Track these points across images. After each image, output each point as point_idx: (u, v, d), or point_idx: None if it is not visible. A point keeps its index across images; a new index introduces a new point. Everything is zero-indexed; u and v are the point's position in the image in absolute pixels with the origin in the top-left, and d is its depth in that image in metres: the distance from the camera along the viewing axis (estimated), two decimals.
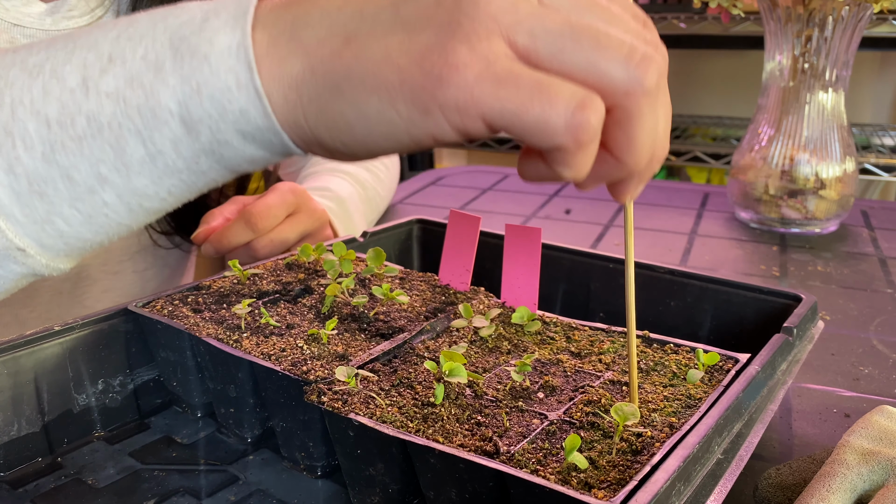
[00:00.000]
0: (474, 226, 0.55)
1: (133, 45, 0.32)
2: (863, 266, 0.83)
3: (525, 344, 0.48)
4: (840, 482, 0.37)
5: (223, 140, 0.32)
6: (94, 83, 0.32)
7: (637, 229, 0.95)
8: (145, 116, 0.32)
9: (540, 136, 0.29)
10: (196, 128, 0.32)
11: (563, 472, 0.33)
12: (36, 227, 0.34)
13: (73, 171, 0.33)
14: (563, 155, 0.29)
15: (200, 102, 0.31)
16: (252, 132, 0.32)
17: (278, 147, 0.33)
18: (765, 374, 0.42)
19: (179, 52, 0.31)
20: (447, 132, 0.30)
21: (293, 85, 0.31)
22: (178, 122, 0.32)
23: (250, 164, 0.34)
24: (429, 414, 0.38)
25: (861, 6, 0.82)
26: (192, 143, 0.32)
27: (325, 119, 0.31)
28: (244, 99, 0.31)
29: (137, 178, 0.33)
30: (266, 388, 0.44)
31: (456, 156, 2.55)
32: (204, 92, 0.31)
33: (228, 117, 0.32)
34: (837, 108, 0.89)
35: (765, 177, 0.92)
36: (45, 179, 0.33)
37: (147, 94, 0.32)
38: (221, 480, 0.44)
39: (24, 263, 0.35)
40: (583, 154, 0.29)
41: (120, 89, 0.32)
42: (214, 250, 0.65)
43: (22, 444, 0.45)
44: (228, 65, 0.31)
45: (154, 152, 0.33)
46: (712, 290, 0.54)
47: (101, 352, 0.48)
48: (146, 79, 0.32)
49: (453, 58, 0.28)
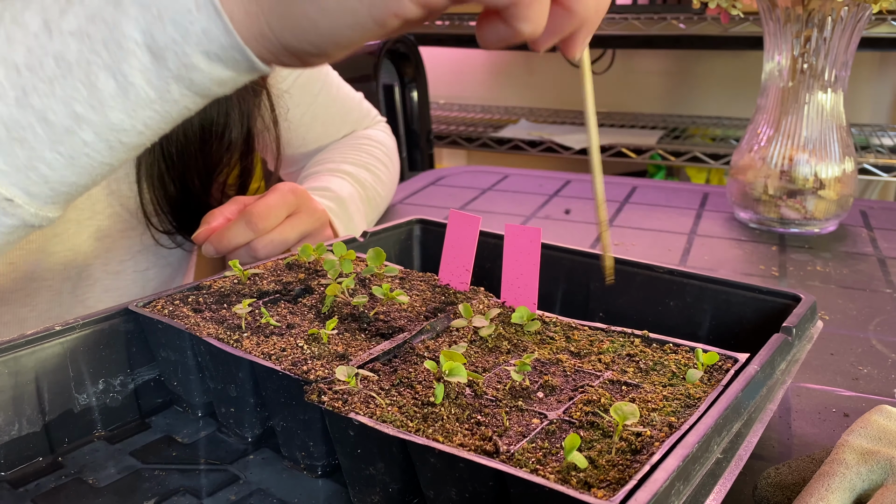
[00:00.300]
0: (474, 226, 0.55)
1: None
2: (862, 266, 0.83)
3: (525, 344, 0.48)
4: (839, 482, 0.37)
5: (190, 64, 0.33)
6: (56, 24, 0.32)
7: (637, 229, 0.95)
8: (111, 49, 0.32)
9: None
10: (162, 54, 0.32)
11: (563, 471, 0.34)
12: (20, 175, 0.34)
13: (48, 112, 0.33)
14: (518, 9, 0.30)
15: (163, 28, 0.32)
16: (217, 51, 0.33)
17: (244, 64, 0.34)
18: (764, 374, 0.42)
19: None
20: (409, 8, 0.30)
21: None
22: (145, 51, 0.32)
23: (219, 85, 0.35)
24: (429, 413, 0.38)
25: (860, 6, 0.82)
26: (161, 71, 0.33)
27: (288, 23, 0.32)
28: (205, 19, 0.32)
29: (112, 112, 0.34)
30: (266, 387, 0.44)
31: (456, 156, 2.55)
32: (165, 17, 0.32)
33: (192, 39, 0.32)
34: (836, 108, 0.90)
35: (764, 177, 0.92)
36: (23, 125, 0.33)
37: (110, 27, 0.32)
38: (222, 480, 0.44)
39: (13, 214, 0.36)
40: (537, 5, 0.31)
41: (82, 27, 0.32)
42: (215, 250, 0.65)
43: (23, 444, 0.45)
44: None
45: (125, 84, 0.33)
46: (712, 289, 0.54)
47: (101, 351, 0.48)
48: (107, 13, 0.32)
49: None
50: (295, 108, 0.87)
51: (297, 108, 0.88)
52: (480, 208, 1.04)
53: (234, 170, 0.77)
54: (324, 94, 0.91)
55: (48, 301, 0.70)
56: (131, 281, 0.76)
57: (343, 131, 0.97)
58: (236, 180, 0.79)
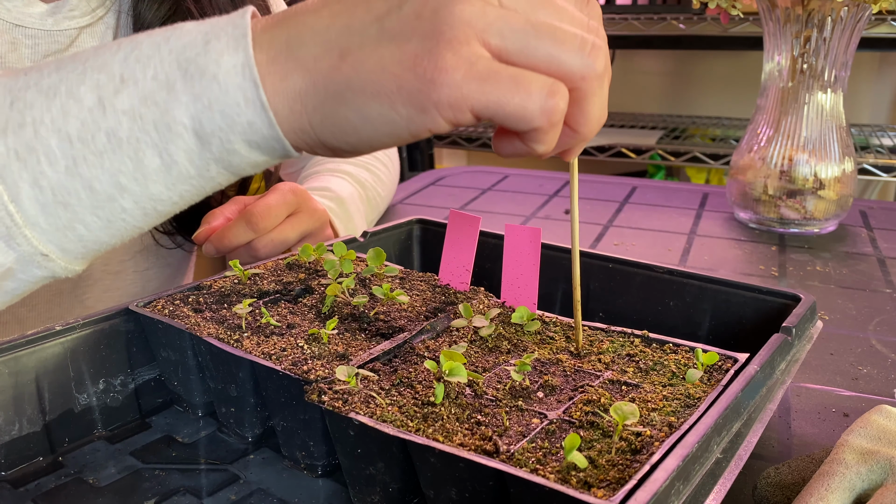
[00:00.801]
0: (474, 226, 0.55)
1: (142, 67, 0.35)
2: (861, 266, 0.83)
3: (525, 344, 0.48)
4: (839, 481, 0.37)
5: (232, 149, 0.36)
6: (110, 102, 0.35)
7: (637, 229, 0.95)
8: (161, 131, 0.35)
9: (520, 121, 0.33)
10: (208, 139, 0.35)
11: (563, 471, 0.34)
12: (59, 234, 0.37)
13: (94, 181, 0.36)
14: (537, 134, 0.34)
15: (212, 117, 0.35)
16: (258, 141, 0.36)
17: (280, 152, 0.37)
18: (764, 374, 0.42)
19: (188, 72, 0.35)
20: (441, 125, 0.34)
21: (297, 97, 0.35)
22: (192, 135, 0.35)
23: (253, 167, 0.38)
24: (429, 413, 0.38)
25: (860, 7, 0.82)
26: (204, 153, 0.36)
27: (329, 125, 0.35)
28: (251, 112, 0.35)
29: (153, 185, 0.36)
30: (267, 387, 0.44)
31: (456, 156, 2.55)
32: (215, 108, 0.34)
33: (237, 129, 0.35)
34: (836, 108, 0.90)
35: (764, 177, 0.92)
36: (69, 191, 0.36)
37: (162, 110, 0.35)
38: (222, 480, 0.44)
39: (45, 267, 0.38)
40: (554, 132, 0.34)
41: (135, 107, 0.35)
42: (215, 250, 0.65)
43: (23, 444, 0.45)
44: (236, 83, 0.34)
45: (169, 162, 0.36)
46: (711, 289, 0.54)
47: (102, 351, 0.48)
48: (159, 97, 0.35)
49: (441, 62, 0.32)
50: None
51: None
52: (480, 208, 1.04)
53: None
54: None
55: (48, 301, 0.70)
56: (131, 281, 0.76)
57: None
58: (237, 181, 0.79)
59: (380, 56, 0.33)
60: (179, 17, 0.67)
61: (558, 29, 0.34)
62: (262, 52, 0.35)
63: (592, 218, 1.00)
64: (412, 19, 0.33)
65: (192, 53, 0.35)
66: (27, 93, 0.36)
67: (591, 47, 0.34)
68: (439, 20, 0.33)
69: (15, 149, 0.35)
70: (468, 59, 0.33)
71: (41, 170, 0.35)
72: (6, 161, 0.35)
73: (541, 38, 0.34)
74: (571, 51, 0.34)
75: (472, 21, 0.33)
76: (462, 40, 0.33)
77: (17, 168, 0.35)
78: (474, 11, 0.33)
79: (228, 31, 0.35)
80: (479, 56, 0.33)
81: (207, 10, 0.68)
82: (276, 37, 0.35)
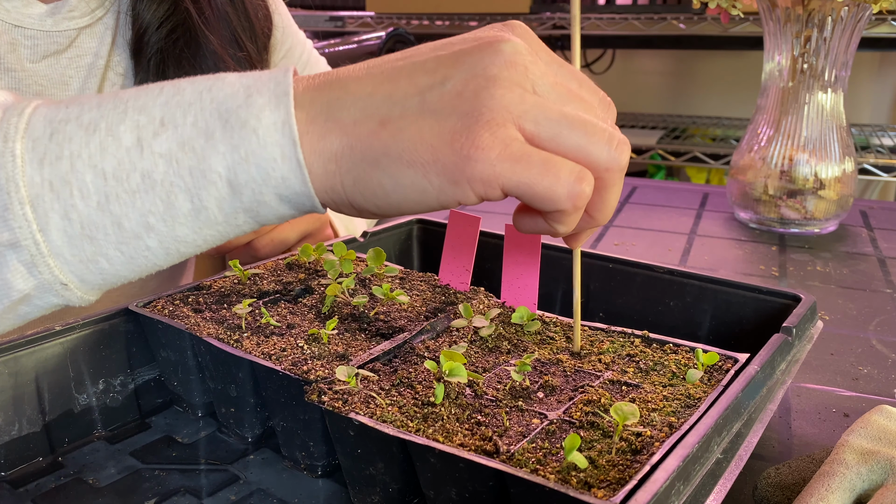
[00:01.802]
0: (474, 226, 0.55)
1: (183, 112, 0.36)
2: (862, 266, 0.83)
3: (525, 344, 0.48)
4: (839, 482, 0.37)
5: (262, 201, 0.37)
6: (149, 144, 0.36)
7: (637, 229, 0.95)
8: (196, 177, 0.36)
9: (547, 202, 0.35)
10: (240, 190, 0.36)
11: (563, 471, 0.34)
12: (81, 266, 0.37)
13: (123, 219, 0.36)
14: (561, 216, 0.36)
15: (247, 169, 0.35)
16: (289, 196, 0.37)
17: (308, 207, 0.38)
18: (764, 374, 0.42)
19: (229, 123, 0.35)
20: (470, 198, 0.35)
21: (333, 158, 0.36)
22: (225, 184, 0.36)
23: (278, 219, 0.39)
24: (429, 413, 0.38)
25: (860, 7, 0.82)
26: (234, 202, 0.36)
27: (361, 187, 0.36)
28: (287, 168, 0.35)
29: (181, 228, 0.37)
30: (266, 387, 0.44)
31: None
32: (251, 160, 0.35)
33: (271, 182, 0.36)
34: (836, 108, 0.90)
35: (764, 177, 0.92)
36: (97, 226, 0.36)
37: (199, 157, 0.36)
38: (222, 480, 0.44)
39: (62, 296, 0.38)
40: (577, 215, 0.36)
41: (173, 151, 0.36)
42: (215, 250, 0.65)
43: (23, 444, 0.45)
44: (275, 139, 0.35)
45: (199, 207, 0.36)
46: (712, 290, 0.54)
47: (101, 351, 0.48)
48: (197, 144, 0.36)
49: (479, 140, 0.34)
50: None
51: None
52: (480, 208, 1.04)
53: None
54: None
55: None
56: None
57: None
58: None
59: (419, 127, 0.35)
60: (178, 17, 0.67)
61: (589, 122, 0.36)
62: (302, 111, 0.36)
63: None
64: (454, 97, 0.35)
65: (233, 105, 0.35)
66: (67, 126, 0.36)
67: (619, 142, 0.36)
68: (480, 101, 0.34)
69: (50, 180, 0.36)
70: (503, 140, 0.34)
71: (73, 203, 0.36)
72: (40, 191, 0.36)
73: (573, 128, 0.35)
74: (600, 143, 0.36)
75: (511, 106, 0.34)
76: (499, 122, 0.34)
77: (50, 199, 0.36)
78: (513, 97, 0.34)
79: (271, 88, 0.36)
80: (514, 139, 0.34)
81: (206, 10, 0.68)
82: (317, 98, 0.36)
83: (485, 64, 0.35)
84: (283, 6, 0.86)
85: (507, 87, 0.35)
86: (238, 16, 0.71)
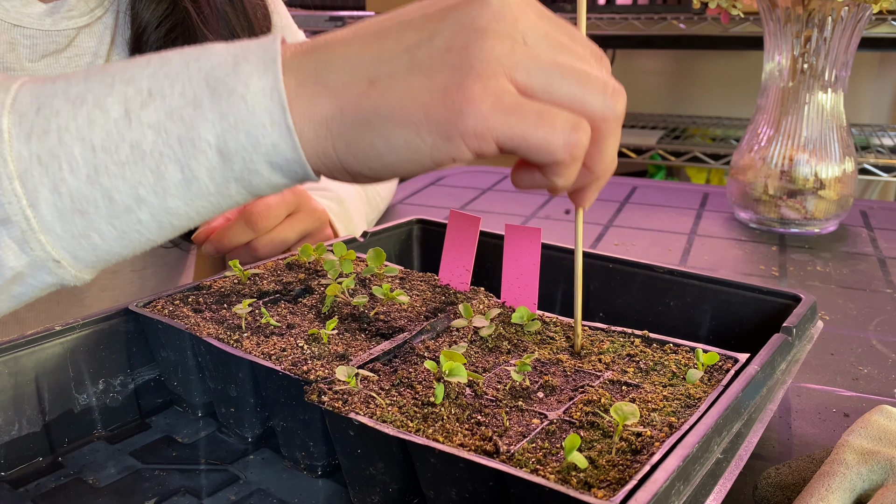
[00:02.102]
0: (474, 226, 0.55)
1: (171, 82, 0.36)
2: (862, 266, 0.83)
3: (525, 344, 0.48)
4: (839, 482, 0.37)
5: (253, 169, 0.36)
6: (137, 115, 0.35)
7: (637, 229, 0.95)
8: (185, 146, 0.35)
9: (543, 153, 0.34)
10: (231, 158, 0.36)
11: (563, 471, 0.34)
12: (73, 242, 0.37)
13: (114, 192, 0.36)
14: (558, 168, 0.35)
15: (237, 136, 0.35)
16: (280, 163, 0.36)
17: (301, 175, 0.37)
18: (764, 374, 0.42)
19: (217, 91, 0.35)
20: (465, 153, 0.34)
21: (323, 122, 0.35)
22: (215, 152, 0.35)
23: (272, 189, 0.38)
24: (429, 413, 0.38)
25: (860, 7, 0.82)
26: (225, 171, 0.36)
27: (354, 150, 0.36)
28: (276, 135, 0.35)
29: (172, 199, 0.37)
30: (266, 387, 0.44)
31: None
32: (241, 127, 0.35)
33: (261, 150, 0.35)
34: (836, 108, 0.89)
35: (764, 177, 0.92)
36: (88, 199, 0.36)
37: (188, 126, 0.35)
38: (222, 480, 0.44)
39: (55, 274, 0.38)
40: (574, 166, 0.36)
41: (161, 121, 0.35)
42: (215, 250, 0.65)
43: (23, 444, 0.45)
44: (264, 105, 0.35)
45: (190, 178, 0.36)
46: (712, 290, 0.54)
47: (101, 351, 0.48)
48: (186, 113, 0.35)
49: (470, 94, 0.33)
50: None
51: None
52: (480, 208, 1.04)
53: None
54: None
55: (46, 300, 0.70)
56: (129, 280, 0.76)
57: None
58: None
59: (409, 85, 0.34)
60: (177, 16, 0.67)
61: (583, 71, 0.35)
62: (290, 77, 0.35)
63: (592, 218, 1.00)
64: (443, 52, 0.34)
65: (221, 73, 0.35)
66: (54, 100, 0.36)
67: (614, 90, 0.36)
68: (469, 54, 0.34)
69: (38, 154, 0.35)
70: (495, 93, 0.34)
71: (62, 177, 0.35)
72: (28, 166, 0.35)
73: (566, 77, 0.35)
74: (595, 91, 0.35)
75: (501, 58, 0.34)
76: (490, 75, 0.34)
77: (39, 173, 0.35)
78: (503, 49, 0.34)
79: (258, 55, 0.35)
80: (506, 90, 0.34)
81: (205, 10, 0.68)
82: (305, 63, 0.36)
83: (472, 17, 0.34)
84: (282, 6, 0.86)
85: (497, 39, 0.34)
86: (237, 15, 0.71)
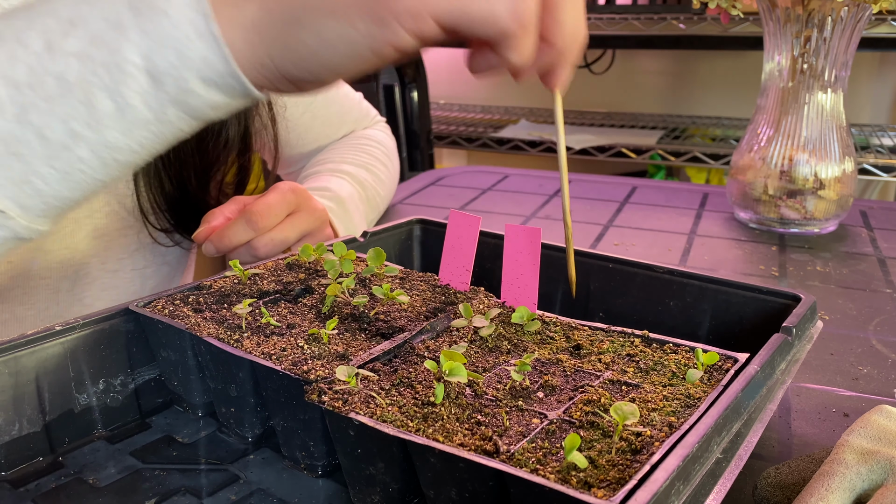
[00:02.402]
0: (474, 226, 0.55)
1: (91, 8, 0.34)
2: (862, 266, 0.83)
3: (525, 344, 0.48)
4: (839, 481, 0.37)
5: (187, 88, 0.34)
6: (58, 45, 0.33)
7: (637, 229, 0.95)
8: (112, 72, 0.33)
9: (487, 26, 0.32)
10: (161, 79, 0.34)
11: (563, 471, 0.34)
12: (15, 188, 0.35)
13: (46, 129, 0.34)
14: (509, 41, 0.33)
15: (164, 54, 0.33)
16: (214, 78, 0.34)
17: (239, 91, 0.35)
18: (764, 374, 0.42)
19: (138, 9, 0.33)
20: (405, 39, 0.32)
21: (253, 28, 0.33)
22: (144, 75, 0.34)
23: (214, 110, 0.36)
24: (429, 413, 0.38)
25: (860, 7, 0.82)
26: (159, 94, 0.34)
27: (289, 52, 0.34)
28: (204, 47, 0.33)
29: (108, 131, 0.35)
30: (267, 387, 0.44)
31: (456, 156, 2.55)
32: (166, 43, 0.33)
33: (191, 65, 0.34)
34: (836, 108, 0.90)
35: (764, 177, 0.92)
36: (20, 140, 0.34)
37: (111, 50, 0.33)
38: (222, 480, 0.44)
39: (5, 226, 0.36)
40: (526, 37, 0.33)
41: (84, 49, 0.33)
42: (215, 249, 0.65)
43: (23, 444, 0.45)
44: (187, 16, 0.33)
45: (123, 105, 0.34)
46: (711, 289, 0.54)
47: (102, 351, 0.48)
48: (109, 37, 0.33)
49: None
50: (293, 108, 0.87)
51: (296, 107, 0.88)
52: (480, 208, 1.04)
53: (232, 168, 0.77)
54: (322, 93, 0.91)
55: (46, 299, 0.70)
56: (129, 279, 0.76)
57: (342, 131, 0.97)
58: (234, 179, 0.79)
59: None
60: None
61: None
62: None
63: (592, 218, 1.00)
64: None
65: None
66: None
67: None
68: None
69: None
70: None
71: None
72: None
73: None
74: None
75: None
76: None
77: None
78: None
79: None
80: None
81: None
82: None
83: None
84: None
85: None
86: None
